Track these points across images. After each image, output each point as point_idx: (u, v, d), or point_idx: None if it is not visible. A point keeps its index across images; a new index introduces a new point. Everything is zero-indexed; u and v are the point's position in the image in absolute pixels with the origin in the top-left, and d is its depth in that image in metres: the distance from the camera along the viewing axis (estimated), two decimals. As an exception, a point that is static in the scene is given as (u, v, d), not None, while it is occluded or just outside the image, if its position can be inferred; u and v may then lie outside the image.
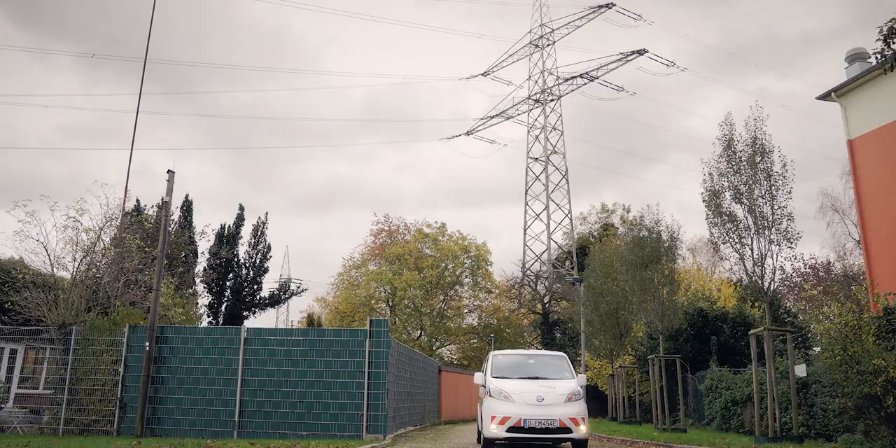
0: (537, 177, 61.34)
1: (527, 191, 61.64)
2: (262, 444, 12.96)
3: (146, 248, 20.55)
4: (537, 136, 62.53)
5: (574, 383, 14.02)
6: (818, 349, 29.08)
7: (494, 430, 13.11)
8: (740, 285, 40.36)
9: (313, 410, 16.43)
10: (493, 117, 64.70)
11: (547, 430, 12.98)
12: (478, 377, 15.07)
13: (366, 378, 16.41)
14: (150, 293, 18.21)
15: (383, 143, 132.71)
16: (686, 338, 27.36)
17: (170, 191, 18.42)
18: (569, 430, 12.98)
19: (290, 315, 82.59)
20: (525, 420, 12.92)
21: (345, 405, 16.38)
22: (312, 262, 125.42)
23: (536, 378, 14.33)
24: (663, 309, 22.50)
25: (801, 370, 15.87)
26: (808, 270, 35.89)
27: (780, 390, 15.61)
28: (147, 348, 16.95)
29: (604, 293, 28.06)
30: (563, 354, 16.16)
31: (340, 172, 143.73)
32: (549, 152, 61.29)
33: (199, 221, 35.74)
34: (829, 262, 37.01)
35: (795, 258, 17.88)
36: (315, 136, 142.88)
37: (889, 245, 17.90)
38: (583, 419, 13.18)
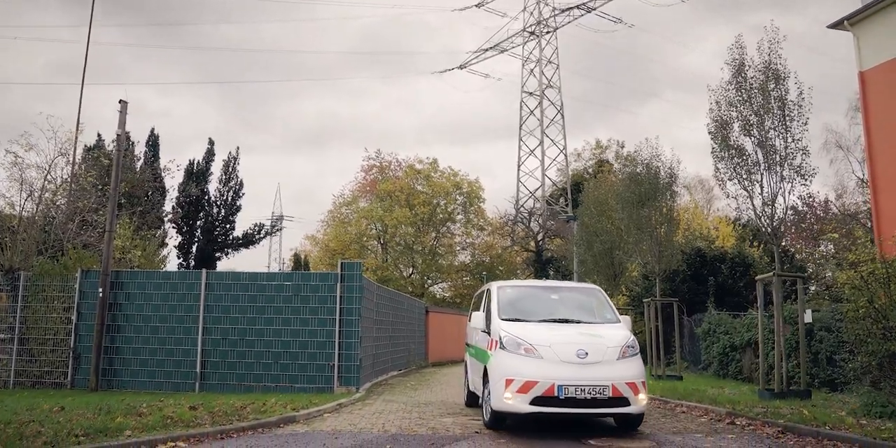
0: (532, 112, 59.39)
1: (521, 126, 59.78)
2: (219, 400, 11.73)
3: (103, 187, 18.96)
4: (532, 70, 60.25)
5: (625, 330, 10.15)
6: (813, 288, 28.13)
7: (511, 401, 9.01)
8: (739, 224, 39.19)
9: (280, 361, 15.21)
10: (486, 50, 62.23)
11: (594, 403, 8.90)
12: (476, 319, 10.99)
13: (337, 325, 15.12)
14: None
15: (376, 78, 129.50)
16: (683, 278, 26.16)
17: (122, 122, 16.79)
18: (625, 402, 8.99)
19: (282, 253, 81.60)
20: (561, 387, 8.80)
21: (314, 355, 15.14)
22: (308, 199, 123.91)
23: (566, 321, 10.32)
24: (661, 249, 21.18)
25: (806, 317, 14.66)
26: (806, 208, 34.64)
27: (784, 338, 14.39)
28: (100, 294, 15.61)
29: (598, 232, 26.71)
30: (597, 287, 12.23)
31: (334, 109, 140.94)
32: (545, 86, 59.14)
33: (184, 161, 34.25)
34: (828, 201, 35.77)
35: (810, 196, 16.43)
36: (308, 73, 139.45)
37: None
38: (643, 384, 9.25)
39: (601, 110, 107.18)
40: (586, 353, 9.07)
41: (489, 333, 10.24)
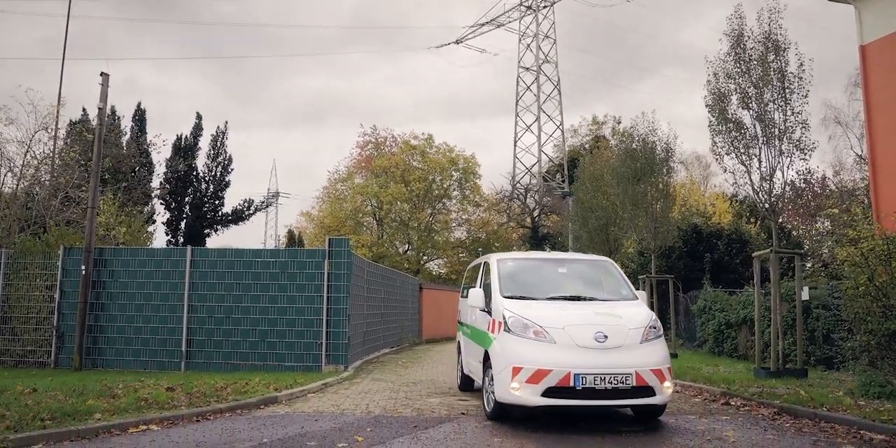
0: (528, 87, 58.68)
1: (517, 102, 59.06)
2: (202, 380, 11.46)
3: (86, 162, 18.52)
4: (529, 45, 59.46)
5: (645, 308, 9.11)
6: (809, 265, 27.82)
7: (519, 392, 7.90)
8: (736, 200, 38.82)
9: (267, 339, 14.92)
10: (483, 25, 61.41)
11: (615, 393, 7.82)
12: (473, 296, 9.60)
13: (325, 303, 14.81)
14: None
15: (372, 53, 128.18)
16: (679, 255, 25.88)
17: (104, 95, 16.32)
18: (650, 391, 7.93)
19: (278, 230, 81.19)
20: (578, 376, 7.71)
21: (302, 333, 14.85)
22: (304, 176, 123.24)
23: (577, 299, 9.21)
24: (656, 225, 20.82)
25: (803, 294, 14.38)
26: (804, 185, 34.25)
27: (781, 316, 14.09)
28: (83, 272, 15.27)
29: (593, 208, 26.31)
30: (608, 258, 10.89)
31: (331, 86, 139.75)
32: (541, 62, 58.40)
33: (172, 136, 33.53)
34: (825, 178, 35.39)
35: (809, 171, 16.03)
36: (304, 48, 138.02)
37: (897, 159, 16.12)
38: (668, 370, 8.24)
39: (598, 86, 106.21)
40: (605, 337, 8.00)
41: (489, 313, 9.12)
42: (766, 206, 13.97)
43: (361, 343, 17.83)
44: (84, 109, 24.08)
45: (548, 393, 7.76)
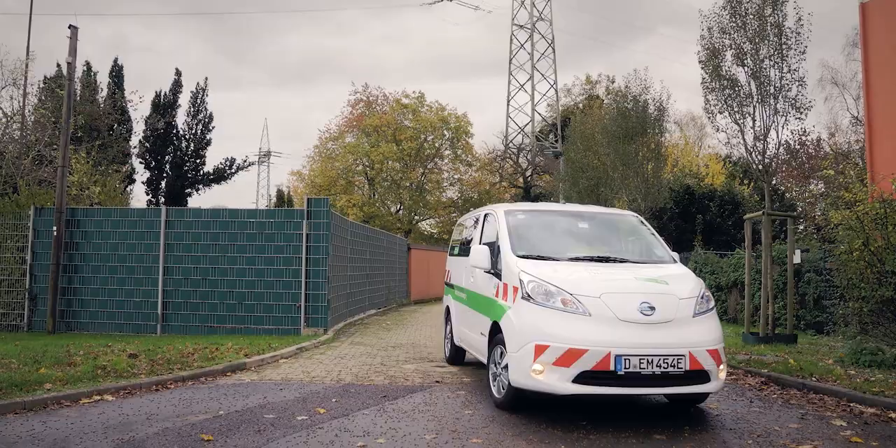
0: (522, 45, 57.51)
1: (511, 60, 57.94)
2: (172, 344, 11.09)
3: (59, 120, 17.86)
4: (523, 2, 58.11)
5: (691, 273, 7.54)
6: (801, 227, 27.52)
7: (543, 377, 6.39)
8: (730, 161, 38.33)
9: (245, 301, 14.54)
10: (477, -21, 59.92)
11: (664, 379, 6.40)
12: (477, 254, 7.98)
13: (303, 264, 14.39)
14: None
15: (364, 9, 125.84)
16: (671, 216, 25.53)
17: (73, 49, 15.63)
18: (704, 376, 6.51)
19: (270, 189, 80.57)
20: (620, 358, 6.25)
21: (280, 295, 14.47)
22: (296, 135, 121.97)
23: (607, 260, 7.67)
24: (647, 186, 20.39)
25: (795, 258, 14.02)
26: (798, 146, 33.76)
27: (771, 279, 13.74)
28: (55, 233, 14.79)
29: (584, 168, 25.81)
30: (633, 213, 9.24)
31: (322, 44, 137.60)
32: (535, 19, 57.17)
33: (151, 93, 32.52)
34: (820, 139, 34.88)
35: (804, 132, 15.50)
36: (295, 5, 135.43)
37: (894, 121, 15.62)
38: (723, 350, 6.88)
39: (593, 45, 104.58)
40: (652, 308, 6.49)
41: (498, 276, 7.55)
42: (760, 167, 13.48)
43: (345, 305, 17.49)
44: (58, 65, 23.29)
45: (581, 378, 6.27)
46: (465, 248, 9.63)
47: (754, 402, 7.76)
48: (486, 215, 9.05)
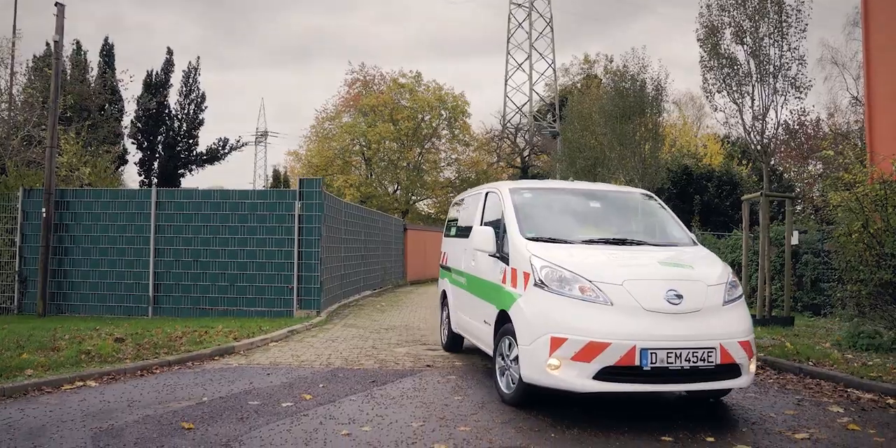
0: (520, 24, 56.92)
1: (508, 39, 57.38)
2: (162, 327, 10.96)
3: (47, 100, 17.57)
4: (522, -22, 57.41)
5: (716, 257, 7.01)
6: (799, 207, 27.35)
7: (560, 373, 5.82)
8: (728, 141, 38.07)
9: (237, 283, 14.41)
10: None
11: (693, 374, 5.82)
12: (480, 235, 7.34)
13: (296, 246, 14.24)
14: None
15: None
16: (668, 197, 25.31)
17: (59, 28, 15.35)
18: (735, 371, 5.98)
19: (267, 170, 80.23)
20: (646, 352, 5.67)
21: (273, 277, 14.34)
22: (294, 115, 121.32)
23: (624, 242, 7.12)
24: (644, 167, 20.17)
25: (793, 239, 13.86)
26: (797, 127, 33.49)
27: (769, 260, 13.60)
28: (44, 215, 14.61)
29: (581, 148, 25.56)
30: (648, 192, 8.52)
31: (319, 23, 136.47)
32: (534, -5, 56.50)
33: (142, 72, 31.99)
34: (819, 120, 34.60)
35: (804, 112, 15.28)
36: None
37: (894, 102, 15.40)
38: (754, 341, 6.30)
39: (592, 25, 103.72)
40: (678, 297, 5.89)
41: (505, 260, 6.97)
42: (758, 147, 13.29)
43: (339, 286, 17.36)
44: (47, 44, 22.93)
45: (602, 374, 5.69)
46: (463, 229, 9.13)
47: (750, 388, 7.63)
48: (487, 194, 8.44)
